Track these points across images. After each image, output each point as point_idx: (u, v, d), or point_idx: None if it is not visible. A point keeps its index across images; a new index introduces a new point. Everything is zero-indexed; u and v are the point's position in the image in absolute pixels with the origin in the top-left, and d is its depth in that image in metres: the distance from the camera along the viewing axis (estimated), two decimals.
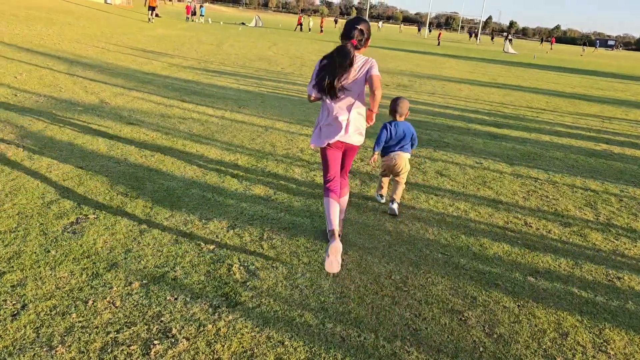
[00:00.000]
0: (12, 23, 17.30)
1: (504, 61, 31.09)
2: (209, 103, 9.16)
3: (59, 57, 12.48)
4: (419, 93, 13.22)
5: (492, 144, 8.05)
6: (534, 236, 4.53)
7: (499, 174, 6.41)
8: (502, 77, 20.16)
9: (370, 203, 4.97)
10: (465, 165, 6.67)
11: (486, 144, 8.05)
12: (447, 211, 4.94)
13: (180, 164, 5.60)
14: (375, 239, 4.16)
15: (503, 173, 6.46)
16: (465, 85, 15.95)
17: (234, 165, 5.75)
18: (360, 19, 3.51)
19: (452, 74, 19.44)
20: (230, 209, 4.51)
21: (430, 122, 9.43)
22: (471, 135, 8.60)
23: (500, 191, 5.71)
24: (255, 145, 6.67)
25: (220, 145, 6.51)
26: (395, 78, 16.18)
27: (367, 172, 5.96)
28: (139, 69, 12.45)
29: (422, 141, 7.77)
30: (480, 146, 7.83)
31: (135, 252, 3.55)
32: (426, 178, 5.95)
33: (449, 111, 10.85)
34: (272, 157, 6.21)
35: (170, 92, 9.87)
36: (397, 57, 25.26)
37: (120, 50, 15.88)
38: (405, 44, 42.59)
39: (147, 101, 8.74)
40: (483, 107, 11.93)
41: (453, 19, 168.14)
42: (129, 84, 10.23)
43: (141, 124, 7.12)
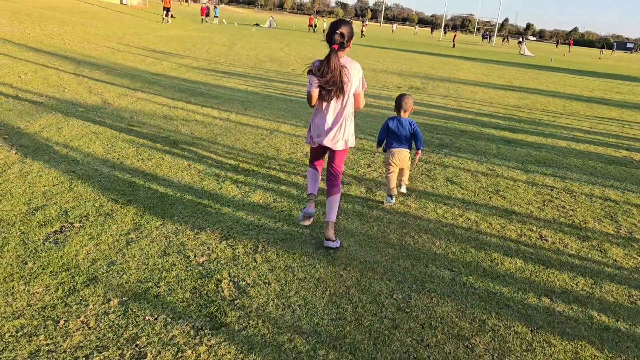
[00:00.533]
0: (25, 22, 17.28)
1: (520, 64, 30.58)
2: (214, 105, 8.95)
3: (67, 57, 12.37)
4: (431, 96, 12.90)
5: (506, 150, 7.72)
6: (549, 251, 4.22)
7: (512, 181, 6.10)
8: (518, 79, 19.74)
9: (375, 212, 4.70)
10: (477, 172, 6.36)
11: (500, 149, 7.72)
12: (457, 222, 4.64)
13: (178, 169, 5.37)
14: (378, 252, 3.89)
15: (517, 181, 6.14)
16: (480, 88, 15.59)
17: (234, 170, 5.52)
18: (340, 23, 3.62)
19: (466, 76, 19.07)
20: (225, 217, 4.27)
21: (442, 125, 9.12)
22: (484, 140, 8.28)
23: (514, 201, 5.40)
24: (258, 149, 6.43)
25: (222, 149, 6.27)
26: (408, 80, 15.87)
27: (374, 179, 5.69)
28: (146, 69, 12.30)
29: (433, 146, 7.47)
30: (493, 152, 7.51)
31: (119, 265, 3.31)
32: (435, 185, 5.65)
33: (462, 115, 10.52)
34: (274, 162, 5.96)
35: (176, 93, 9.68)
36: (411, 59, 24.92)
37: (130, 50, 15.77)
38: (420, 45, 42.19)
39: (151, 102, 8.55)
40: (498, 110, 11.58)
41: (469, 21, 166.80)
42: (134, 84, 10.06)
43: (142, 126, 6.92)
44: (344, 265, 3.61)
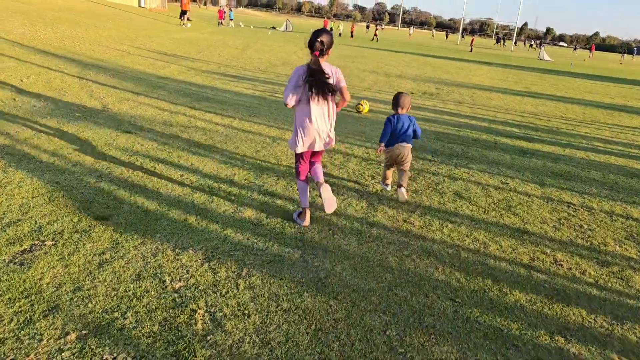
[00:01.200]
0: (36, 24, 17.24)
1: (539, 69, 29.95)
2: (218, 110, 8.68)
3: (74, 60, 12.22)
4: (445, 102, 12.50)
5: (521, 161, 7.32)
6: (564, 278, 3.83)
7: (526, 197, 5.70)
8: (535, 85, 19.21)
9: (374, 230, 4.36)
10: (488, 185, 5.98)
11: (514, 160, 7.32)
12: (463, 243, 4.28)
13: (169, 179, 5.09)
14: (375, 278, 3.55)
15: (531, 196, 5.75)
16: (496, 94, 15.13)
17: (228, 182, 5.21)
18: (321, 32, 3.98)
19: (482, 81, 18.61)
20: (212, 235, 3.96)
21: (454, 134, 8.74)
22: (498, 150, 7.88)
23: (527, 218, 5.01)
24: (258, 158, 6.13)
25: (220, 158, 5.98)
26: (422, 85, 15.48)
27: (377, 192, 5.34)
28: (154, 72, 12.10)
29: (443, 156, 7.10)
30: (507, 163, 7.11)
31: (86, 291, 3.02)
32: (443, 200, 5.29)
33: (476, 122, 10.12)
34: (273, 173, 5.65)
35: (181, 97, 9.43)
36: (426, 64, 24.49)
37: (140, 53, 15.62)
38: (436, 50, 41.68)
39: (153, 107, 8.30)
40: (513, 118, 11.14)
41: (487, 25, 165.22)
42: (138, 88, 9.84)
43: (139, 133, 6.67)
44: (334, 294, 3.27)
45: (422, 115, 10.28)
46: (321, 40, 3.92)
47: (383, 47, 36.09)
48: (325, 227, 4.32)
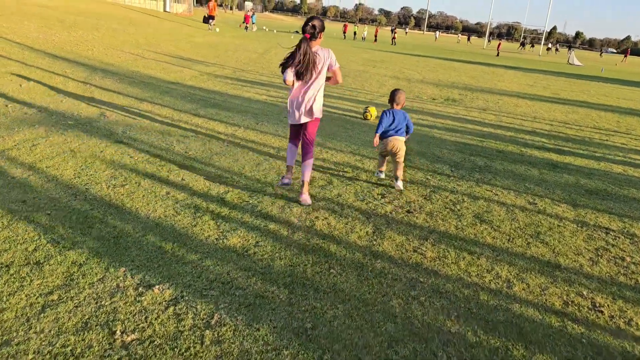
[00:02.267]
0: (54, 28, 17.06)
1: (568, 73, 28.84)
2: (224, 117, 8.16)
3: (84, 64, 11.88)
4: (468, 109, 11.78)
5: (551, 176, 6.60)
6: (606, 330, 3.16)
7: (557, 220, 5.01)
8: (565, 91, 18.29)
9: (379, 264, 3.74)
10: (514, 206, 5.30)
11: (543, 176, 6.61)
12: (483, 281, 3.63)
13: (153, 197, 4.56)
14: (372, 329, 2.93)
15: (563, 219, 5.05)
16: (523, 101, 14.33)
17: (219, 200, 4.66)
18: (313, 18, 4.47)
19: (509, 87, 17.78)
20: (187, 269, 3.40)
21: (477, 145, 8.04)
22: (525, 163, 7.17)
23: (559, 248, 4.33)
24: (256, 173, 5.56)
25: (214, 172, 5.44)
26: (445, 91, 14.76)
27: (386, 214, 4.72)
28: (164, 77, 11.68)
29: (464, 170, 6.44)
30: (535, 179, 6.41)
31: (15, 346, 2.49)
32: (461, 225, 4.64)
33: (501, 132, 9.40)
34: (271, 190, 5.08)
35: (186, 104, 8.95)
36: (451, 68, 23.70)
37: (155, 57, 15.28)
38: (462, 54, 40.73)
39: (154, 115, 7.83)
40: (542, 127, 10.37)
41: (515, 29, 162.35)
42: (144, 94, 9.40)
43: (132, 143, 6.17)
44: (320, 352, 2.67)
45: (443, 123, 9.60)
46: (312, 25, 4.40)
47: (407, 51, 35.36)
48: (321, 258, 3.73)
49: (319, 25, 4.44)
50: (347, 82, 14.39)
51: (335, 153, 6.70)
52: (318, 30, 4.43)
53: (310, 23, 4.42)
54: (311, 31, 4.41)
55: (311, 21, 4.43)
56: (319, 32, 4.44)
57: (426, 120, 9.74)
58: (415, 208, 4.99)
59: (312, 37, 4.42)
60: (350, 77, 15.96)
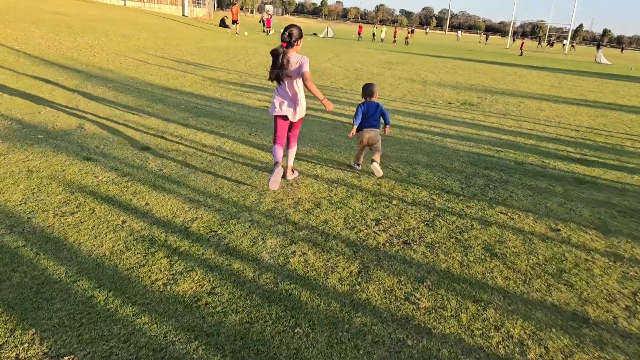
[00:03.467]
0: (60, 34, 16.69)
1: (596, 73, 27.55)
2: (215, 128, 7.51)
3: (79, 71, 11.38)
4: (486, 114, 10.92)
5: (577, 194, 5.77)
6: None
7: (585, 252, 4.20)
8: (592, 92, 17.22)
9: (358, 318, 3.01)
10: (533, 234, 4.50)
11: (568, 193, 5.78)
12: (489, 343, 2.87)
13: (104, 228, 3.90)
14: None
15: (592, 251, 4.24)
16: (547, 103, 13.38)
17: (181, 232, 3.98)
18: (290, 27, 4.80)
19: (532, 88, 16.79)
20: (114, 329, 2.72)
21: (493, 156, 7.23)
22: (547, 178, 6.34)
23: (587, 293, 3.54)
24: (235, 195, 4.88)
25: (186, 194, 4.77)
26: (462, 94, 13.90)
27: (377, 247, 3.99)
28: (163, 83, 11.10)
29: (476, 187, 5.65)
30: (559, 197, 5.59)
31: None
32: (467, 261, 3.87)
33: (521, 140, 8.55)
34: (246, 217, 4.38)
35: (178, 112, 8.33)
36: (470, 69, 22.74)
37: (159, 62, 14.76)
38: (483, 54, 39.55)
39: (139, 125, 7.22)
40: (567, 133, 9.48)
41: (539, 28, 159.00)
42: (135, 102, 8.82)
43: (102, 160, 5.55)
44: None
45: (457, 131, 8.79)
46: (289, 33, 4.75)
47: (426, 52, 34.42)
48: (287, 312, 3.02)
49: (296, 33, 4.79)
50: (358, 86, 13.64)
51: (330, 168, 5.98)
52: (295, 38, 4.79)
53: (287, 32, 4.77)
54: (287, 39, 4.77)
55: (288, 30, 4.79)
56: (295, 40, 4.80)
57: (439, 128, 8.94)
58: (414, 238, 4.23)
59: (289, 45, 4.79)
60: (363, 80, 15.20)
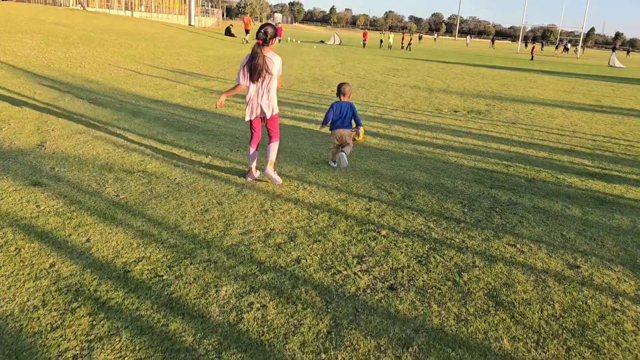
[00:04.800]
0: (52, 45, 16.19)
1: (610, 77, 26.60)
2: (194, 144, 6.85)
3: (62, 83, 10.80)
4: (494, 123, 10.15)
5: (598, 218, 5.00)
6: None
7: (612, 298, 3.44)
8: (608, 97, 16.36)
9: None
10: (547, 272, 3.75)
11: (587, 216, 5.01)
12: None
13: (24, 275, 3.22)
14: None
15: (620, 296, 3.47)
16: (560, 110, 12.57)
17: (119, 277, 3.29)
18: (265, 25, 4.92)
19: (544, 94, 15.97)
20: None
21: (500, 172, 6.47)
22: (562, 198, 5.57)
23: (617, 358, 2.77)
24: (197, 225, 4.18)
25: (139, 226, 4.08)
26: (470, 101, 13.13)
27: (355, 294, 3.26)
28: (149, 95, 10.49)
29: (480, 211, 4.91)
30: (576, 223, 4.82)
31: None
32: (465, 313, 3.13)
33: (533, 152, 7.77)
34: (204, 255, 3.68)
35: (157, 127, 7.68)
36: (479, 74, 21.95)
37: (152, 72, 14.19)
38: (493, 59, 38.68)
39: (109, 143, 6.57)
40: (583, 143, 8.69)
41: (550, 32, 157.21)
42: (112, 116, 8.19)
43: (51, 185, 4.89)
44: None
45: (462, 143, 8.04)
46: (264, 31, 4.81)
47: (434, 58, 33.68)
48: None
49: (271, 32, 4.86)
50: (359, 95, 12.94)
51: (315, 190, 5.27)
52: (270, 36, 4.85)
53: (262, 30, 4.83)
54: (262, 37, 4.82)
55: (263, 28, 4.85)
56: (270, 38, 4.86)
57: (442, 140, 8.20)
58: (403, 281, 3.50)
59: (264, 42, 4.85)
60: (365, 88, 14.51)
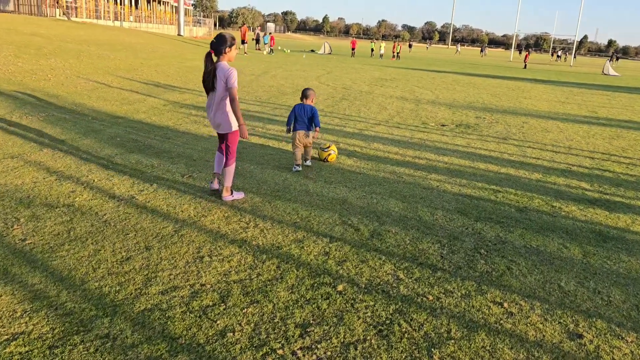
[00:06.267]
0: (22, 56, 15.38)
1: (604, 86, 25.97)
2: (142, 168, 6.04)
3: (17, 98, 9.98)
4: (484, 139, 9.39)
5: (601, 261, 4.21)
6: None
7: None
8: (604, 108, 15.67)
9: None
10: (541, 346, 2.95)
11: (588, 259, 4.22)
12: None
13: None
14: None
15: None
16: (554, 123, 11.83)
17: None
18: (218, 35, 4.69)
19: (537, 105, 15.26)
20: None
21: (487, 200, 5.69)
22: (559, 233, 4.78)
23: None
24: (112, 280, 3.37)
25: (35, 284, 3.28)
26: (458, 114, 12.38)
27: None
28: (111, 110, 9.68)
29: (462, 253, 4.12)
30: (576, 269, 4.03)
31: None
32: None
33: (525, 173, 7.00)
34: (103, 327, 2.86)
35: (107, 148, 6.88)
36: (470, 84, 21.25)
37: (124, 85, 13.39)
38: (486, 68, 38.09)
39: (42, 168, 5.76)
40: (580, 162, 7.92)
41: (544, 40, 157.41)
42: (61, 135, 7.39)
43: None
44: None
45: (446, 163, 7.27)
46: (217, 40, 4.67)
47: (424, 67, 33.04)
48: None
49: (223, 41, 4.63)
50: (340, 108, 12.18)
51: (268, 228, 4.47)
52: (224, 45, 4.63)
53: (216, 38, 4.66)
54: (214, 46, 4.63)
55: (215, 40, 4.64)
56: (224, 49, 4.63)
57: (424, 160, 7.42)
58: None
59: (217, 52, 4.65)
60: (349, 100, 13.75)
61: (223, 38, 4.66)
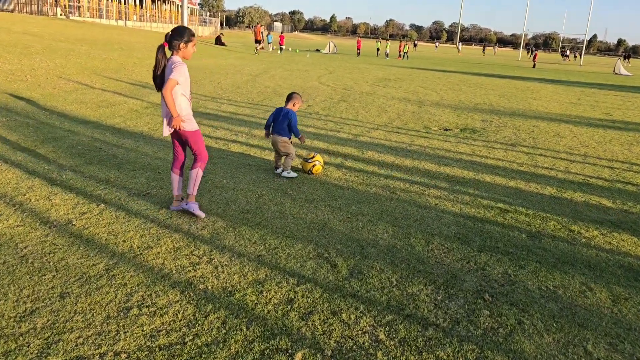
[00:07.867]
0: (6, 55, 14.65)
1: (617, 86, 24.92)
2: (93, 185, 5.25)
3: None
4: (491, 145, 8.51)
5: (636, 311, 3.34)
6: None
7: None
8: (619, 109, 14.72)
9: None
10: None
11: (620, 308, 3.37)
12: None
13: None
14: None
15: None
16: (567, 127, 10.92)
17: None
18: (175, 28, 4.19)
19: (548, 107, 14.34)
20: None
21: (494, 223, 4.83)
22: (580, 268, 3.92)
23: None
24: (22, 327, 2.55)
25: None
26: (464, 117, 11.50)
27: None
28: (85, 114, 8.91)
29: (461, 299, 3.29)
30: (604, 324, 3.18)
31: None
32: None
33: (536, 187, 6.13)
34: None
35: (61, 159, 6.09)
36: (477, 85, 20.33)
37: (107, 86, 12.62)
38: (494, 67, 37.10)
39: None
40: (598, 172, 7.04)
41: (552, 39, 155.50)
42: (22, 142, 6.64)
43: None
44: None
45: (448, 175, 6.42)
46: (172, 33, 4.16)
47: (430, 67, 32.12)
48: None
49: (179, 35, 4.16)
50: (337, 110, 11.34)
51: (226, 263, 3.66)
52: (179, 40, 4.14)
53: (170, 34, 4.17)
54: (168, 40, 4.16)
55: (171, 32, 4.18)
56: (178, 43, 4.15)
57: (423, 171, 6.57)
58: None
59: (170, 46, 4.17)
60: (347, 101, 12.90)
61: (179, 31, 4.17)
